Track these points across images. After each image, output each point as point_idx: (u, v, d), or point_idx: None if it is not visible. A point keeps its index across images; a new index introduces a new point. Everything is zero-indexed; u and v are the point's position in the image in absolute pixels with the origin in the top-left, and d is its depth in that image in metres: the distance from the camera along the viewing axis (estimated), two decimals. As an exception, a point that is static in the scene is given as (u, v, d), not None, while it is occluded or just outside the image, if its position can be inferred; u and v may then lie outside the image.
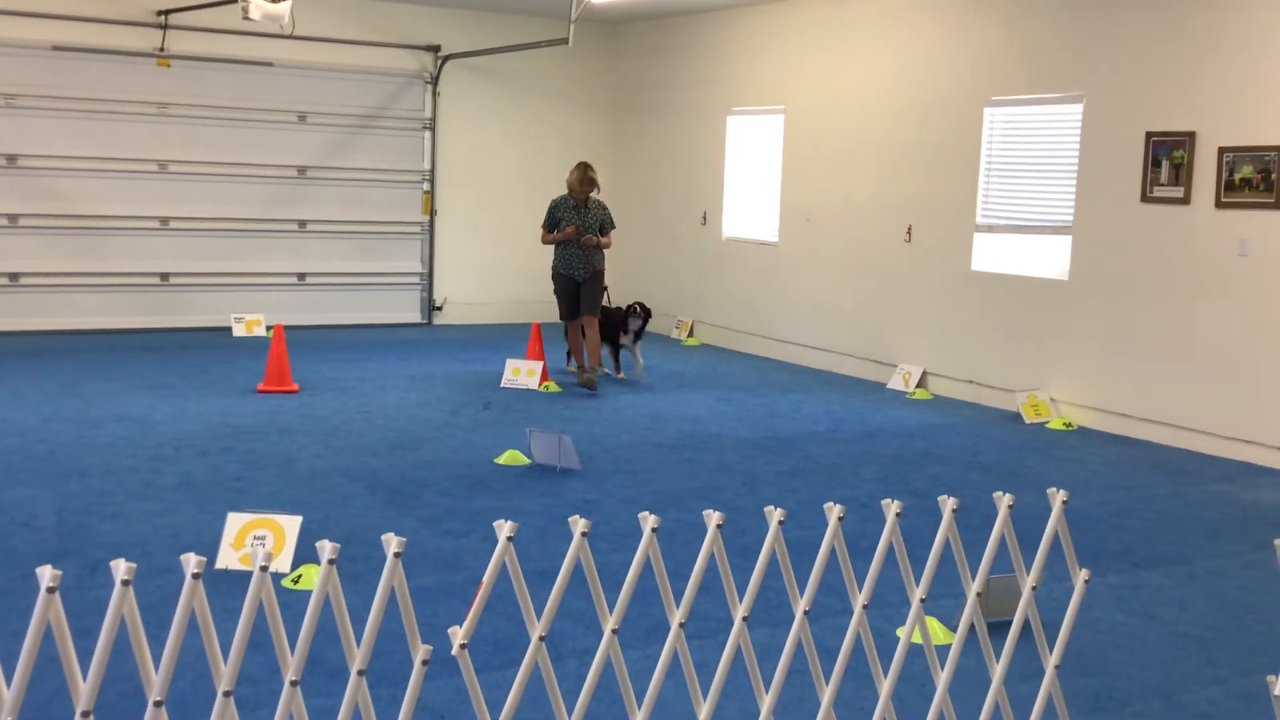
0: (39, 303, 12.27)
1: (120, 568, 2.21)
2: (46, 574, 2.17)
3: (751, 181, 12.97)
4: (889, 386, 10.89)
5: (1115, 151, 9.12)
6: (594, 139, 14.98)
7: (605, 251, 10.47)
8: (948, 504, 2.91)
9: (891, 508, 2.84)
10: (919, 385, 10.72)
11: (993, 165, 10.21)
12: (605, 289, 10.64)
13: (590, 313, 10.31)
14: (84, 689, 2.22)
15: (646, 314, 10.79)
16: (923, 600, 2.91)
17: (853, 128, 11.50)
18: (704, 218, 13.51)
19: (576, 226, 10.17)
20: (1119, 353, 9.15)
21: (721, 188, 13.27)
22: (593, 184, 10.18)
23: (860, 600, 2.84)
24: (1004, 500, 2.97)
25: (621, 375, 10.72)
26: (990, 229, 10.23)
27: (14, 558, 5.32)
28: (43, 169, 12.13)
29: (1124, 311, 9.11)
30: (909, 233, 10.90)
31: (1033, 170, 9.93)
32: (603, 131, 15.02)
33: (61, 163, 12.18)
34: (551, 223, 10.28)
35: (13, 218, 12.06)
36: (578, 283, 10.30)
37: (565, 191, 10.36)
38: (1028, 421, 9.45)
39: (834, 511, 2.78)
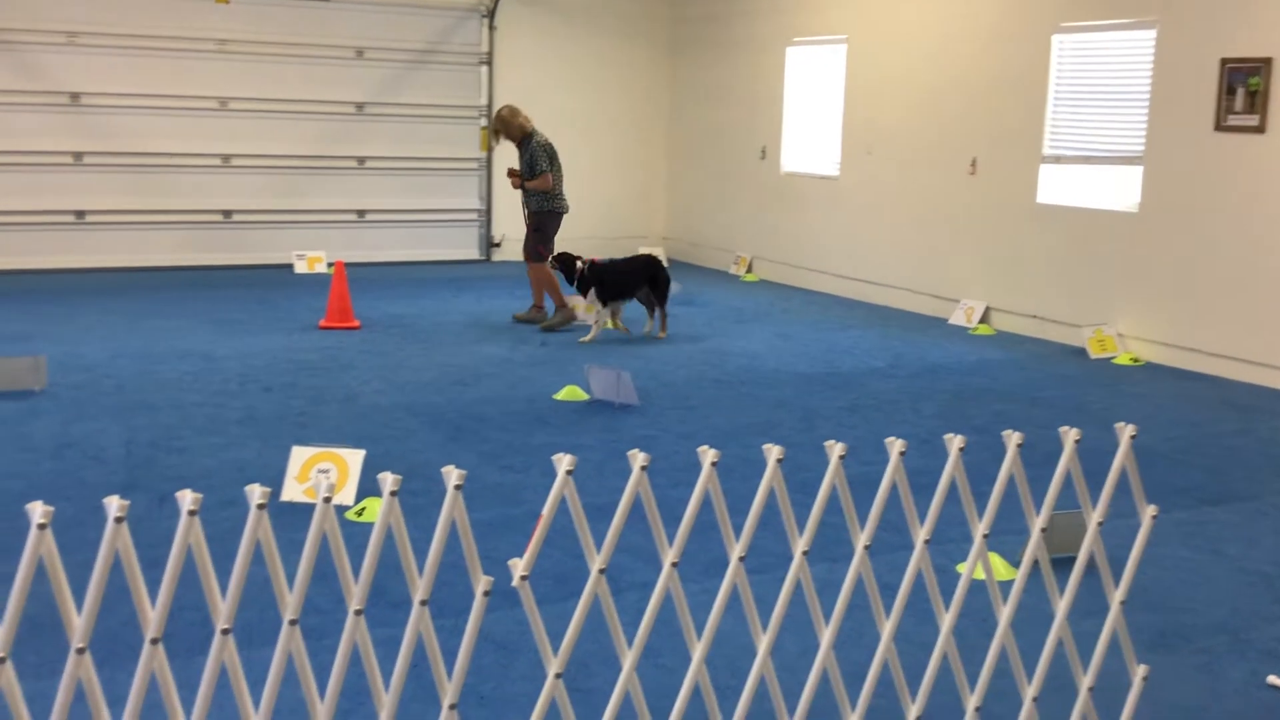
0: (104, 240, 12.45)
1: (186, 498, 2.24)
2: (114, 504, 2.20)
3: (812, 114, 12.77)
4: (950, 322, 10.76)
5: (1188, 79, 8.85)
6: (651, 73, 14.82)
7: (544, 194, 10.13)
8: (1012, 439, 2.86)
9: (954, 442, 2.80)
10: (981, 320, 10.57)
11: (1061, 94, 9.96)
12: (540, 232, 10.09)
13: (524, 255, 10.23)
14: (153, 617, 2.26)
15: (573, 265, 9.52)
16: (986, 536, 2.88)
17: (916, 57, 11.26)
18: (763, 152, 13.34)
19: (511, 168, 10.30)
20: (1189, 286, 8.95)
21: (781, 121, 13.08)
22: (500, 130, 10.12)
23: (922, 535, 2.81)
24: (1070, 435, 2.91)
25: (662, 334, 9.71)
26: (1058, 160, 10.01)
27: (84, 490, 5.44)
28: (105, 107, 12.24)
29: (1195, 243, 8.89)
30: (973, 165, 10.69)
31: (1103, 99, 9.68)
32: (661, 65, 14.85)
33: (123, 100, 12.28)
34: None
35: (77, 155, 12.21)
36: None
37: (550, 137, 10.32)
38: (1093, 357, 9.29)
39: (895, 446, 2.75)
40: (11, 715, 2.23)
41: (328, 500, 2.34)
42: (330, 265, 12.66)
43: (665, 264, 9.97)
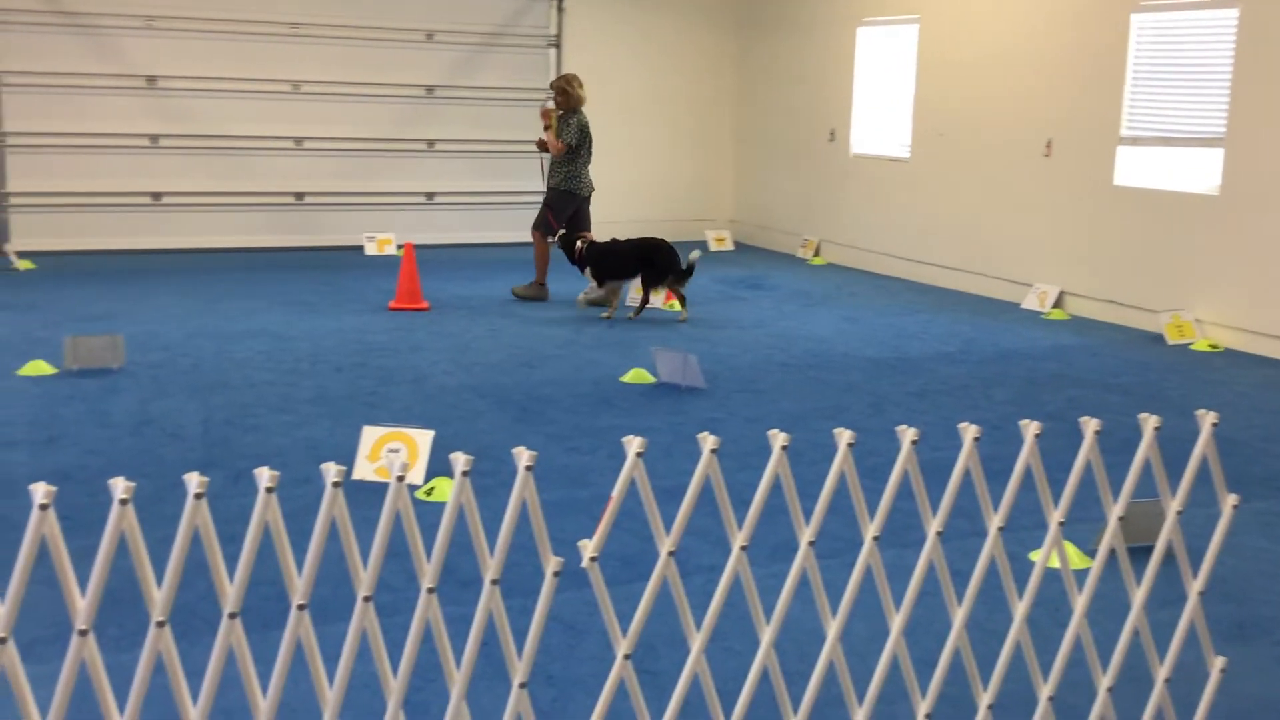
0: (180, 221, 12.66)
1: (264, 475, 2.27)
2: (194, 481, 2.23)
3: (882, 96, 12.63)
4: (1023, 306, 10.60)
5: (1271, 59, 8.61)
6: (720, 54, 14.74)
7: (565, 172, 10.32)
8: (1090, 425, 2.81)
9: (1030, 428, 2.76)
10: (1055, 305, 10.40)
11: (1140, 74, 9.74)
12: (550, 208, 10.30)
13: (533, 226, 10.48)
14: (231, 592, 2.30)
15: (572, 245, 9.79)
16: (1061, 523, 2.84)
17: (990, 37, 11.08)
18: (832, 134, 13.22)
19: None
20: (1270, 271, 8.73)
21: (850, 103, 12.95)
22: (558, 89, 10.41)
23: (995, 522, 2.78)
24: (1150, 422, 2.86)
25: (685, 317, 9.62)
26: (1135, 141, 9.80)
27: (162, 467, 5.55)
28: (181, 90, 12.44)
29: (1277, 227, 8.66)
30: (1048, 146, 10.51)
31: (1183, 79, 9.45)
32: (729, 46, 14.76)
33: (199, 84, 12.47)
34: None
35: (154, 138, 12.42)
36: None
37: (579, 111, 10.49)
38: (1171, 343, 9.11)
39: (969, 431, 2.71)
40: (94, 687, 2.28)
41: (401, 479, 2.36)
42: (400, 247, 12.77)
43: (670, 247, 9.65)
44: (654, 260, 9.52)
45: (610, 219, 14.42)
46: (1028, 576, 2.91)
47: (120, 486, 2.17)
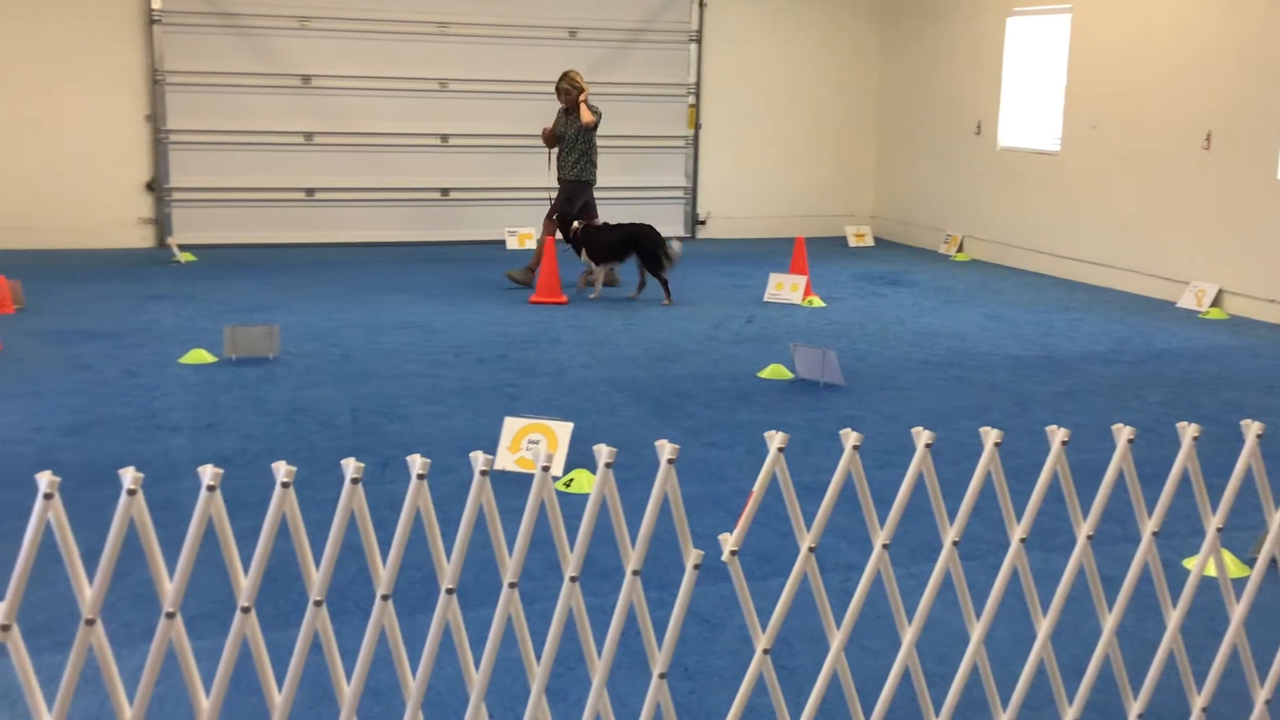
0: (331, 216, 13.07)
1: (416, 462, 2.34)
2: (350, 466, 2.32)
3: (1032, 87, 12.31)
4: (1179, 305, 10.22)
5: None
6: (863, 46, 14.55)
7: (579, 162, 10.70)
8: (1251, 428, 2.70)
9: (1188, 431, 2.67)
10: (1213, 304, 10.00)
11: (1307, 63, 9.30)
12: (569, 201, 10.62)
13: (550, 212, 10.78)
14: (384, 574, 2.38)
15: (569, 226, 10.25)
16: (1219, 530, 2.74)
17: (1146, 26, 10.69)
18: (978, 127, 12.94)
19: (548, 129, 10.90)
20: None
21: (998, 94, 12.65)
22: (565, 90, 10.66)
23: (1150, 527, 2.69)
24: (1316, 427, 2.74)
25: (666, 301, 10.00)
26: (1301, 134, 9.35)
27: (315, 453, 5.75)
28: (333, 89, 12.83)
29: None
30: (1208, 139, 10.10)
31: (1355, 68, 8.98)
32: (872, 38, 14.56)
33: (350, 82, 12.85)
34: None
35: (308, 136, 12.85)
36: None
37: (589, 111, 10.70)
38: (1337, 345, 8.68)
39: (1123, 434, 2.64)
40: (254, 661, 2.38)
41: (546, 470, 2.41)
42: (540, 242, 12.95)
43: (660, 234, 10.13)
44: (639, 244, 10.03)
45: (751, 213, 14.39)
46: (1180, 584, 2.82)
47: (282, 470, 2.27)
